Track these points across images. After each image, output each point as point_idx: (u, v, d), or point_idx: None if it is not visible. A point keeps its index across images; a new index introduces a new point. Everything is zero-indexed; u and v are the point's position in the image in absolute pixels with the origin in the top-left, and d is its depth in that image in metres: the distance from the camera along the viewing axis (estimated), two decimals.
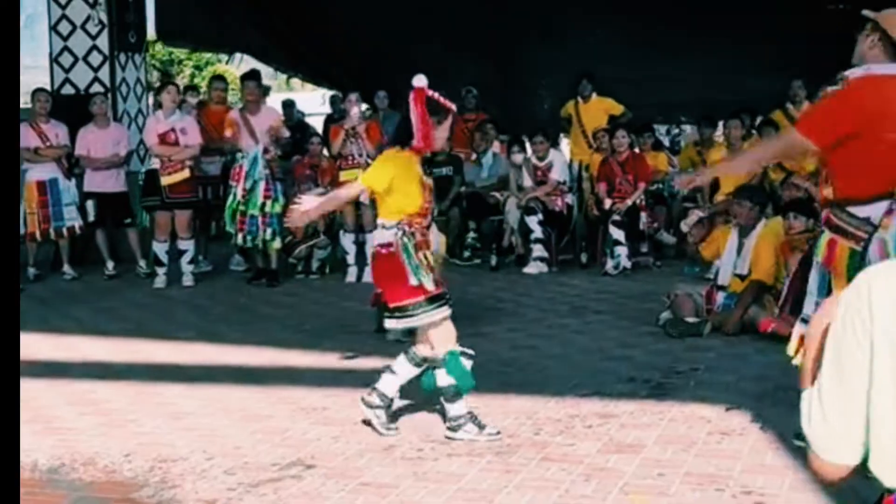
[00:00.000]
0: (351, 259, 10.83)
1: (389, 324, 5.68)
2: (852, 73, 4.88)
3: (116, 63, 12.96)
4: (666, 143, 15.69)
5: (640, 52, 13.35)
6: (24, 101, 11.74)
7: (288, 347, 7.66)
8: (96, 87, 12.69)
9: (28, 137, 10.91)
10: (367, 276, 10.31)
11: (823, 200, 5.04)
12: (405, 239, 5.43)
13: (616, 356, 7.29)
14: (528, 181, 11.51)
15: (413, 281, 5.41)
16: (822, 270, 4.96)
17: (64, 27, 12.96)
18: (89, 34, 12.90)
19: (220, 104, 12.05)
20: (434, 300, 5.47)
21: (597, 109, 12.50)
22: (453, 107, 5.72)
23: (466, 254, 11.72)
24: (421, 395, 6.32)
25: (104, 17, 12.81)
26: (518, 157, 11.84)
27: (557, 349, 7.55)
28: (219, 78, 14.51)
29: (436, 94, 5.53)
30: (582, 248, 11.50)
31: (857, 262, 4.62)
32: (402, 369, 5.68)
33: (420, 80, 5.50)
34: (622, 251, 10.74)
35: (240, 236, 10.46)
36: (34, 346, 8.09)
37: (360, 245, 10.85)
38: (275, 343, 7.87)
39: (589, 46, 13.24)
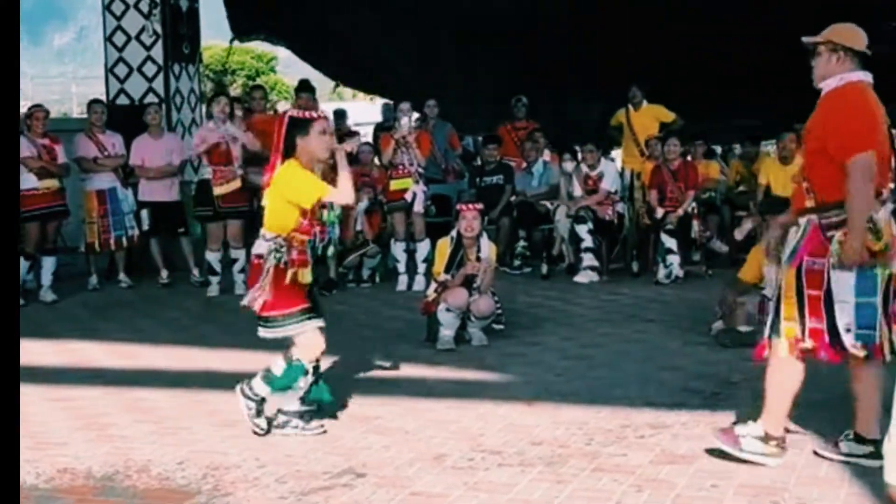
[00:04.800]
0: (401, 268, 10.86)
1: (261, 333, 5.89)
2: (827, 86, 5.03)
3: (171, 73, 13.13)
4: (718, 150, 15.55)
5: (689, 59, 13.24)
6: (80, 112, 11.89)
7: (338, 356, 7.67)
8: (151, 98, 12.87)
9: (87, 147, 11.07)
10: (418, 285, 10.39)
11: (800, 210, 5.14)
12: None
13: (668, 366, 7.23)
14: (578, 190, 11.49)
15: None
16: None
17: (119, 38, 13.17)
18: (144, 45, 13.09)
19: (262, 112, 12.19)
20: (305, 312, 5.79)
21: (648, 117, 12.43)
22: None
23: (517, 262, 11.71)
24: (470, 405, 6.33)
25: (158, 29, 13.00)
26: (569, 166, 11.81)
27: (609, 358, 7.51)
28: (257, 87, 14.71)
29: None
30: (633, 256, 11.44)
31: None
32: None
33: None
34: (674, 260, 10.67)
35: None
36: (89, 353, 8.21)
37: (411, 254, 10.87)
38: (326, 351, 7.87)
39: (638, 53, 13.14)
